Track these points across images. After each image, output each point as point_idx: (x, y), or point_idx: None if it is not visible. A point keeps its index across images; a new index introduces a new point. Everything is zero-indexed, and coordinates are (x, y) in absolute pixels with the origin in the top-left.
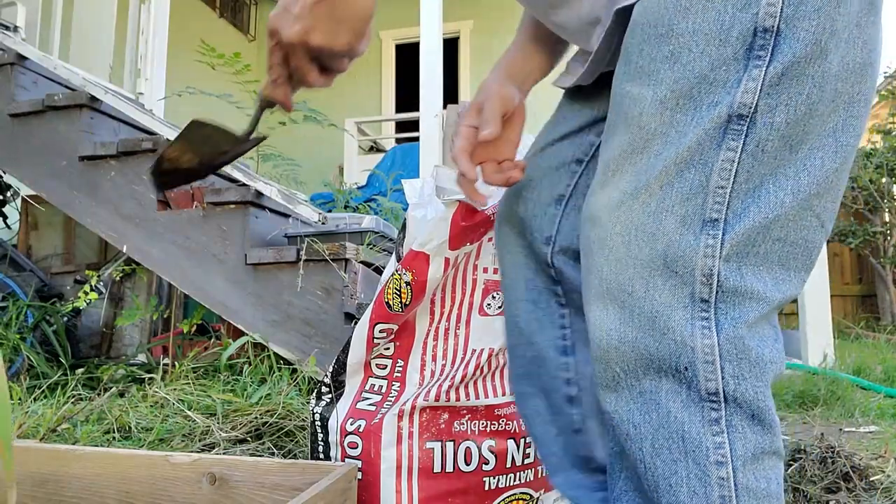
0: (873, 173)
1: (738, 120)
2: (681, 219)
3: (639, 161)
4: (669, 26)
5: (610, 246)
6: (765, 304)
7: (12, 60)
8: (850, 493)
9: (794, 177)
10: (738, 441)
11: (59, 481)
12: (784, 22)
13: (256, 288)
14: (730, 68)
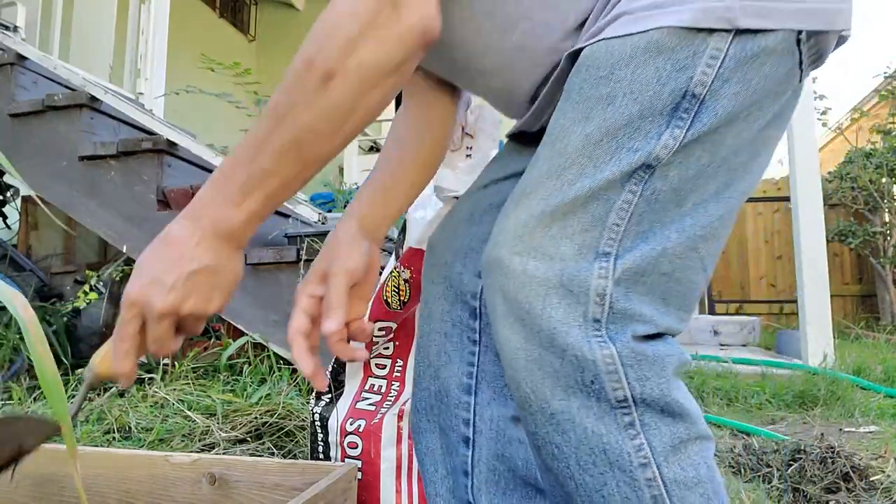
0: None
1: (645, 169)
2: (578, 247)
3: (551, 186)
4: (611, 70)
5: (509, 265)
6: (651, 326)
7: (12, 60)
8: (850, 493)
9: (680, 220)
10: (655, 439)
11: (59, 481)
12: (710, 94)
13: (256, 288)
14: (655, 121)
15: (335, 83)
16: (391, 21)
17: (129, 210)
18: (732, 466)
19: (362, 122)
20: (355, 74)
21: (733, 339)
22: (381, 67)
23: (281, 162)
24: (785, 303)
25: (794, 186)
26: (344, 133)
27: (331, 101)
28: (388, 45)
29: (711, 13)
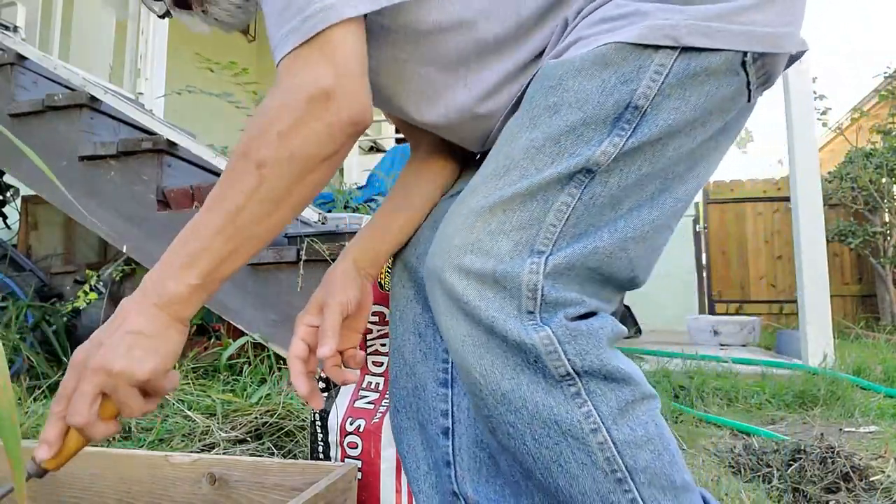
0: (873, 173)
1: (585, 173)
2: (514, 244)
3: (493, 185)
4: (560, 81)
5: (448, 258)
6: (581, 308)
7: (12, 60)
8: (850, 493)
9: (613, 222)
10: (601, 404)
11: (59, 481)
12: (651, 107)
13: (256, 288)
14: (597, 129)
15: (267, 172)
16: (322, 115)
17: (129, 210)
18: (732, 466)
19: (299, 204)
20: (287, 165)
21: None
22: (313, 157)
23: (216, 240)
24: (785, 303)
25: (794, 186)
26: (281, 213)
27: (264, 189)
28: (320, 136)
29: (658, 30)
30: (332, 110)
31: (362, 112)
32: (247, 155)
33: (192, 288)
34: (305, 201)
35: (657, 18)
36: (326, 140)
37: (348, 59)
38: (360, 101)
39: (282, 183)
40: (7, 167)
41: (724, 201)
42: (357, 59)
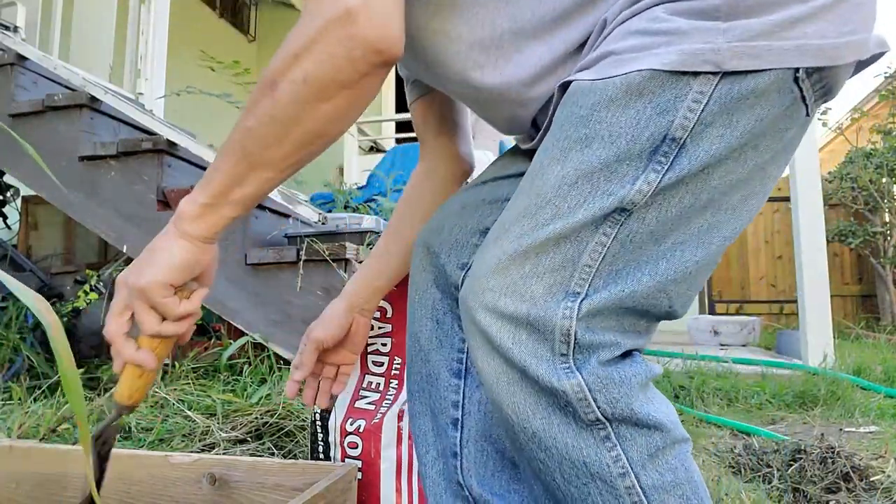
0: (873, 173)
1: (620, 212)
2: (548, 286)
3: (526, 225)
4: (591, 111)
5: (483, 300)
6: (616, 349)
7: (12, 60)
8: (850, 493)
9: (654, 263)
10: (631, 449)
11: (59, 481)
12: (691, 137)
13: (256, 288)
14: (631, 165)
15: (278, 92)
16: (341, 35)
17: (129, 210)
18: (732, 466)
19: (312, 133)
20: (300, 86)
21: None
22: (328, 82)
23: (227, 161)
24: (785, 303)
25: (794, 186)
26: (291, 141)
27: (274, 109)
28: (336, 60)
29: (698, 55)
30: (354, 31)
31: (389, 38)
32: (264, 79)
33: (200, 206)
34: (319, 136)
35: (696, 41)
36: (344, 63)
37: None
38: (388, 25)
39: (292, 106)
40: (7, 167)
41: None
42: None
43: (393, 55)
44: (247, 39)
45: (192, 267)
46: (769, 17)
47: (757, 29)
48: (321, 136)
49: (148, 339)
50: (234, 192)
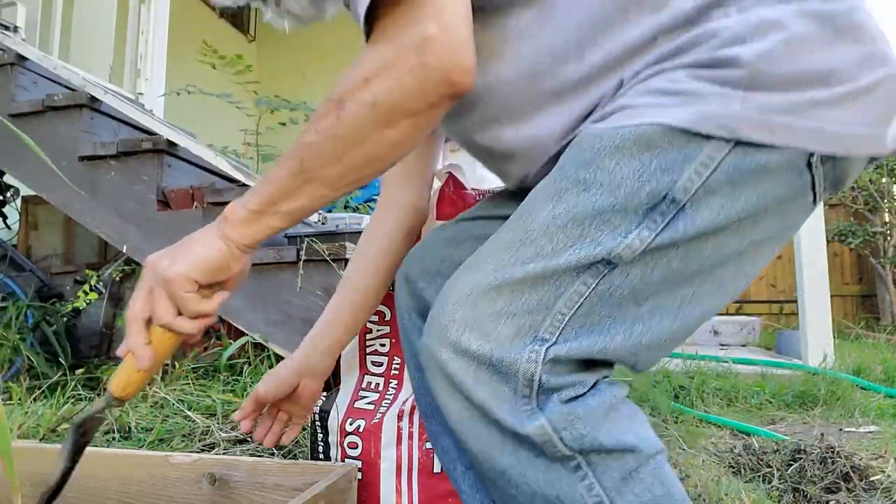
0: (873, 173)
1: (605, 264)
2: (517, 329)
3: (506, 259)
4: (595, 155)
5: (446, 333)
6: (581, 388)
7: (12, 60)
8: (850, 493)
9: (630, 324)
10: (604, 477)
11: None
12: (692, 202)
13: (256, 288)
14: (626, 218)
15: (345, 111)
16: (413, 66)
17: (129, 210)
18: (732, 466)
19: (372, 157)
20: (367, 108)
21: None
22: (397, 108)
23: (282, 171)
24: (785, 303)
25: None
26: (349, 161)
27: (337, 127)
28: (407, 88)
29: (714, 119)
30: (429, 61)
31: (463, 70)
32: (332, 96)
33: (249, 212)
34: (377, 160)
35: (714, 104)
36: (415, 92)
37: (456, 12)
38: (464, 57)
39: (356, 127)
40: (7, 167)
41: None
42: (465, 17)
43: (465, 87)
44: (247, 39)
45: (223, 271)
46: (791, 95)
47: (777, 104)
48: (380, 160)
49: (159, 330)
50: (285, 202)
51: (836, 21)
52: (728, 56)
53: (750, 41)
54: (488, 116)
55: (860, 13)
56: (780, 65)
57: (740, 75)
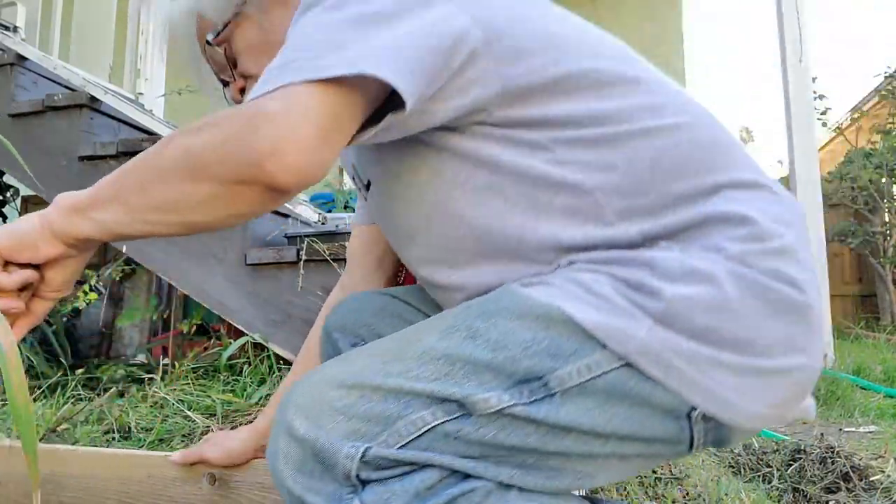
0: (873, 173)
1: (459, 406)
2: (351, 431)
3: (374, 364)
4: (497, 311)
5: (288, 413)
6: (398, 470)
7: (12, 61)
8: (850, 493)
9: (455, 463)
10: None
11: (59, 481)
12: (563, 395)
13: (256, 288)
14: (495, 378)
15: (167, 148)
16: (235, 132)
17: None
18: (732, 466)
19: (170, 204)
20: (181, 153)
21: None
22: (205, 164)
23: (105, 181)
24: None
25: (793, 186)
26: (150, 197)
27: (155, 158)
28: (219, 150)
29: (617, 334)
30: (251, 135)
31: (282, 165)
32: (176, 130)
33: (70, 204)
34: (174, 210)
35: (623, 321)
36: (225, 157)
37: (315, 115)
38: (290, 154)
39: (166, 168)
40: (7, 167)
41: None
42: (321, 125)
43: (280, 182)
44: None
45: (28, 247)
46: (696, 346)
47: (681, 347)
48: (177, 212)
49: None
50: (96, 210)
51: (771, 294)
52: (652, 286)
53: (677, 282)
54: (426, 257)
55: (805, 294)
56: (695, 315)
57: (656, 307)
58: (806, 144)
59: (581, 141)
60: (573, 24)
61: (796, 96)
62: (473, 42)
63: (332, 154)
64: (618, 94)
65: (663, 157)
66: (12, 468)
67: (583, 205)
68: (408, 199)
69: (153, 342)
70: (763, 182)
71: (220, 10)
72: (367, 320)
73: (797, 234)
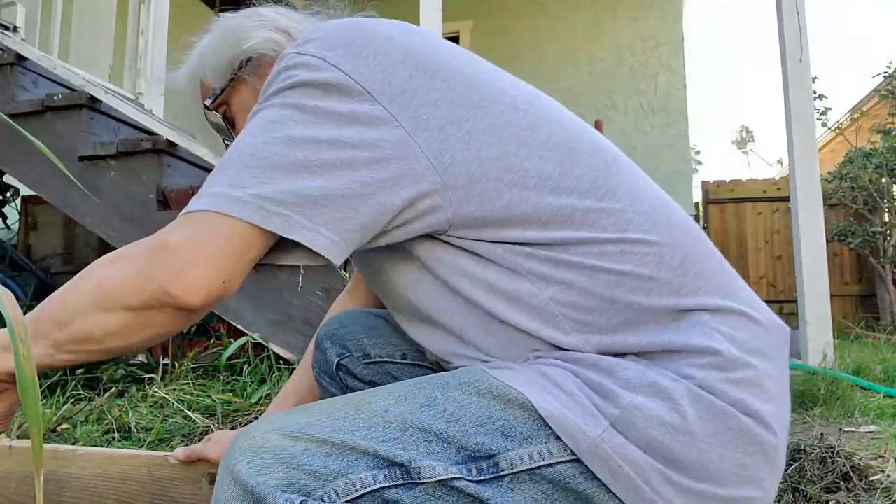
0: (873, 173)
1: (404, 473)
2: (288, 483)
3: (325, 418)
4: (458, 386)
5: (231, 451)
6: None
7: (12, 60)
8: (850, 493)
9: None
10: None
11: (59, 481)
12: (513, 478)
13: (256, 288)
14: (445, 449)
15: (83, 282)
16: (142, 265)
17: (128, 210)
18: None
19: (87, 335)
20: (94, 286)
21: None
22: (116, 295)
23: (29, 316)
24: (785, 303)
25: (793, 186)
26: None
27: (71, 294)
28: (128, 280)
29: (572, 428)
30: (155, 265)
31: (185, 287)
32: (93, 263)
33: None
34: (92, 340)
35: (581, 418)
36: (133, 288)
37: (211, 236)
38: (192, 276)
39: (80, 302)
40: (7, 167)
41: (724, 201)
42: (215, 246)
43: (187, 302)
44: None
45: None
46: (649, 460)
47: (633, 456)
48: (96, 342)
49: None
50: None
51: (731, 423)
52: (613, 390)
53: (636, 392)
54: (401, 315)
55: (767, 428)
56: (650, 428)
57: (613, 412)
58: (806, 144)
59: (536, 257)
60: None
61: (796, 96)
62: (429, 186)
63: (231, 276)
64: (579, 223)
65: (624, 279)
66: (12, 468)
67: (539, 313)
68: (377, 268)
69: None
70: (736, 307)
71: (219, 75)
72: (356, 335)
73: (769, 363)
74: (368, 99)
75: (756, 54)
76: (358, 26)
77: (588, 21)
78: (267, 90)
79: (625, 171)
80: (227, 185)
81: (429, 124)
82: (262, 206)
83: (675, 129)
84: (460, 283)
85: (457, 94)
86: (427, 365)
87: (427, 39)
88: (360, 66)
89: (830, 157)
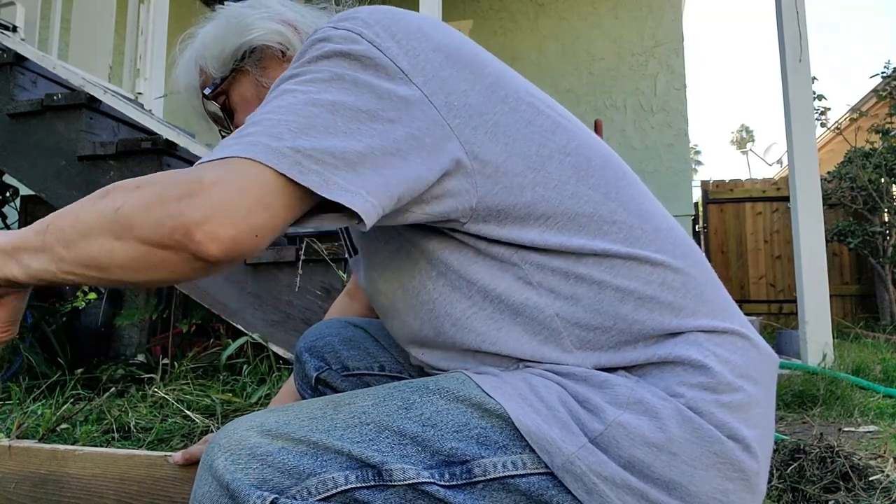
0: (872, 173)
1: (376, 475)
2: (262, 480)
3: (303, 419)
4: (437, 392)
5: (212, 447)
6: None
7: (12, 60)
8: (850, 492)
9: None
10: None
11: (59, 481)
12: (486, 485)
13: (256, 288)
14: (419, 453)
15: (101, 203)
16: (170, 196)
17: None
18: None
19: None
20: (112, 211)
21: None
22: (133, 223)
23: (37, 225)
24: (784, 303)
25: (793, 186)
26: (76, 251)
27: (86, 212)
28: (150, 210)
29: (548, 443)
30: (182, 200)
31: (210, 234)
32: (113, 184)
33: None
34: (99, 267)
35: (559, 433)
36: (154, 218)
37: (241, 194)
38: (219, 224)
39: (94, 223)
40: (7, 167)
41: (724, 201)
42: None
43: (205, 251)
44: None
45: None
46: (627, 476)
47: (610, 472)
48: (102, 269)
49: None
50: (24, 255)
51: (715, 447)
52: (599, 405)
53: (623, 408)
54: (399, 333)
55: (750, 453)
56: (633, 445)
57: (595, 427)
58: (806, 144)
59: (548, 267)
60: (559, 147)
61: (796, 96)
62: (460, 166)
63: (265, 232)
64: (593, 232)
65: (629, 297)
66: (12, 468)
67: (542, 329)
68: (385, 278)
69: (153, 342)
70: (735, 329)
71: (220, 65)
72: (334, 346)
73: (759, 388)
74: (405, 80)
75: (756, 55)
76: (393, 13)
77: (588, 21)
78: (300, 58)
79: (633, 187)
80: (264, 135)
81: (460, 112)
82: (300, 162)
83: (675, 129)
84: (469, 289)
85: (485, 88)
86: (405, 376)
87: (457, 35)
88: (395, 48)
89: (829, 157)
